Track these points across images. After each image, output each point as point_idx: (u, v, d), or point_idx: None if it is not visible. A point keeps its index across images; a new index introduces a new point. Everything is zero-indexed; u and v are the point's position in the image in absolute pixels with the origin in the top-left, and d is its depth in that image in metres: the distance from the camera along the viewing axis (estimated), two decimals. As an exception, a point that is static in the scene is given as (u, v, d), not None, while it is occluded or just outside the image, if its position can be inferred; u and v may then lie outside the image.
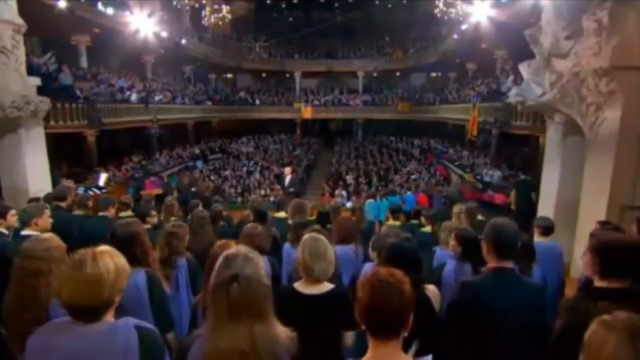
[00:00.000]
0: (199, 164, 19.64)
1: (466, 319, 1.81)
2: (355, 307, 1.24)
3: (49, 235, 2.19)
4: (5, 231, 3.02)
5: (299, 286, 1.94)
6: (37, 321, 1.53)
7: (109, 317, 1.37)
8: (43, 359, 1.31)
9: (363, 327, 1.25)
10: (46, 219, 3.10)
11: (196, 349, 1.29)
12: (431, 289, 2.15)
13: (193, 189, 12.54)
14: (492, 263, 1.87)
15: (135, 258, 2.06)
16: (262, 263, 1.37)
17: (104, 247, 1.41)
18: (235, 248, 1.43)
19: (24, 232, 2.92)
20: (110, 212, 4.21)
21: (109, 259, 1.35)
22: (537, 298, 1.87)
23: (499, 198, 11.09)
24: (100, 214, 4.13)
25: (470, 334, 1.80)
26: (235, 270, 1.26)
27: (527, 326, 1.78)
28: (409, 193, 12.04)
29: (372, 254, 2.64)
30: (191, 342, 1.33)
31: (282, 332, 1.30)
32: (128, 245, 2.07)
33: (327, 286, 1.93)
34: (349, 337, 1.95)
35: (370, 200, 11.77)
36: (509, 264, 1.86)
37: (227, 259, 1.32)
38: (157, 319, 2.04)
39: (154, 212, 4.36)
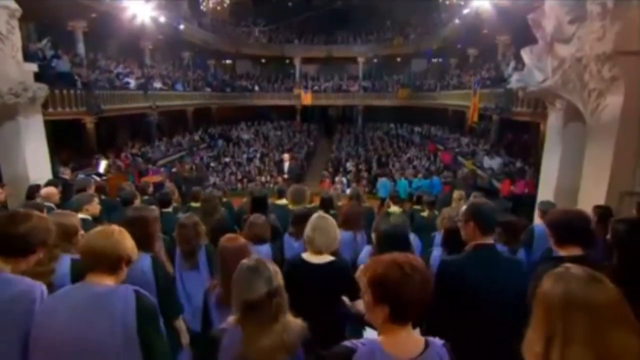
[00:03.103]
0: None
1: (450, 296, 1.89)
2: (381, 294, 1.21)
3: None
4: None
5: (306, 255, 2.20)
6: None
7: (112, 282, 1.55)
8: (50, 316, 1.45)
9: (384, 313, 1.20)
10: (95, 206, 3.55)
11: (229, 343, 1.45)
12: None
13: (174, 170, 12.96)
14: (474, 240, 1.99)
15: (141, 243, 2.11)
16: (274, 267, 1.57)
17: (122, 229, 1.66)
18: (254, 258, 1.62)
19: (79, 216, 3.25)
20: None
21: (129, 237, 1.65)
22: (518, 272, 1.98)
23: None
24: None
25: (455, 310, 1.88)
26: (269, 282, 1.47)
27: (510, 300, 1.85)
28: (435, 177, 12.49)
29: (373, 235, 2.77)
30: (221, 334, 1.50)
31: (295, 321, 1.51)
32: (136, 228, 2.12)
33: (328, 258, 2.18)
34: (360, 304, 2.03)
35: (384, 179, 12.40)
36: (490, 240, 2.00)
37: (252, 271, 1.50)
38: (163, 304, 2.07)
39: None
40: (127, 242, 1.61)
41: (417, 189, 10.30)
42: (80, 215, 3.31)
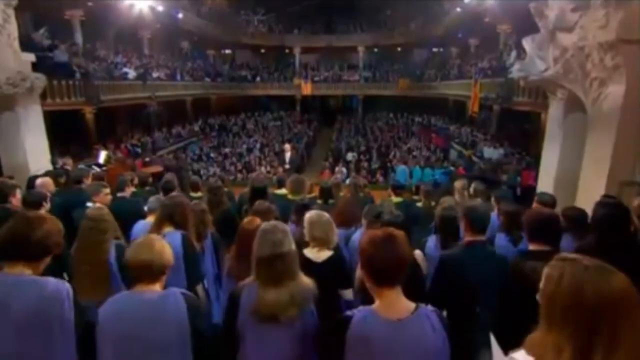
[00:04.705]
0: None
1: (446, 287, 2.12)
2: (361, 263, 1.44)
3: (102, 205, 2.93)
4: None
5: (307, 251, 2.30)
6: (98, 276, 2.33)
7: (159, 287, 1.67)
8: (114, 324, 1.58)
9: (368, 279, 1.41)
10: (102, 197, 3.63)
11: (247, 298, 1.67)
12: (417, 253, 2.48)
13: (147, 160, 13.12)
14: (467, 237, 2.22)
15: (177, 223, 2.56)
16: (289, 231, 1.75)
17: (160, 238, 1.81)
18: (272, 223, 1.80)
19: (89, 204, 3.50)
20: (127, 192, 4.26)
21: (167, 246, 1.75)
22: (503, 269, 2.11)
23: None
24: (118, 194, 4.12)
25: (450, 299, 2.07)
26: (276, 245, 1.66)
27: (497, 290, 2.00)
28: (451, 167, 12.62)
29: (363, 221, 2.78)
30: (241, 291, 1.70)
31: (307, 281, 1.70)
32: (175, 211, 2.56)
33: (328, 253, 2.28)
34: (349, 293, 2.34)
35: (402, 166, 12.47)
36: (482, 237, 2.22)
37: (266, 233, 1.70)
38: (189, 273, 2.49)
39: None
40: (167, 251, 1.71)
41: (433, 178, 10.40)
42: (90, 204, 3.48)
